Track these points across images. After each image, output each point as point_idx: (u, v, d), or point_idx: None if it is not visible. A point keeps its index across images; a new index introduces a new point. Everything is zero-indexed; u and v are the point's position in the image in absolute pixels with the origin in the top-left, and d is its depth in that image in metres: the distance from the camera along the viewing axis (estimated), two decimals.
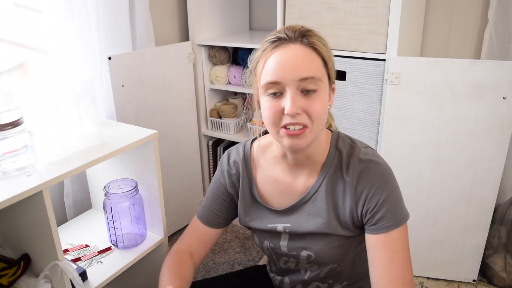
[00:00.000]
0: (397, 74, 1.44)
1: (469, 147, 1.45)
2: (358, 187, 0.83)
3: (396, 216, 0.81)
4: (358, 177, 0.83)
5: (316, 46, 0.77)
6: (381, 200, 0.81)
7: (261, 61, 0.79)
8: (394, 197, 0.82)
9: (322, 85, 0.78)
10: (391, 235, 0.81)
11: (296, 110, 0.75)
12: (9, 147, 0.92)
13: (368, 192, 0.82)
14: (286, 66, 0.75)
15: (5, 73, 1.29)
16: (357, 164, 0.84)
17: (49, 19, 1.33)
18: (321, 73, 0.78)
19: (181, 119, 1.90)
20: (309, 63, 0.76)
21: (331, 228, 0.87)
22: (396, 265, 0.80)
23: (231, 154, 0.99)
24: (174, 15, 1.95)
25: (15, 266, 1.00)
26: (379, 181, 0.82)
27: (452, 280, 1.67)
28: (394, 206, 0.82)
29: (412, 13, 1.57)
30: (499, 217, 1.65)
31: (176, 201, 1.97)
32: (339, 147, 0.87)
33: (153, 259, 1.33)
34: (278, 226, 0.92)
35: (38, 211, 0.92)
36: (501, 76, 1.34)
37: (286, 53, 0.76)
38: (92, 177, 1.41)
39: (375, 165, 0.83)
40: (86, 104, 1.09)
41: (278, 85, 0.76)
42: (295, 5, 1.57)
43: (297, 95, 0.76)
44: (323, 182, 0.87)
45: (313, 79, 0.76)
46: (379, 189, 0.82)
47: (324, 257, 0.90)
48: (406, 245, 0.82)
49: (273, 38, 0.79)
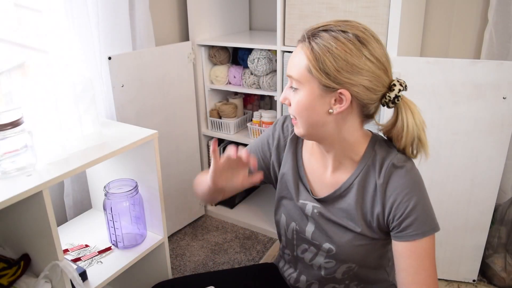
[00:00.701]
0: (397, 74, 1.43)
1: (469, 147, 1.45)
2: (387, 191, 0.85)
3: (424, 225, 0.83)
4: (389, 180, 0.85)
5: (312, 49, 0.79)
6: (410, 208, 0.83)
7: None
8: (423, 205, 0.83)
9: (302, 87, 0.82)
10: (418, 244, 0.82)
11: (282, 100, 0.87)
12: (9, 147, 0.92)
13: (396, 197, 0.84)
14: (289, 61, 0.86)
15: (5, 73, 1.29)
16: (390, 168, 0.85)
17: (49, 19, 1.33)
18: (300, 75, 0.81)
19: (181, 119, 1.90)
20: (293, 64, 0.83)
21: (356, 225, 0.89)
22: (423, 274, 0.82)
23: (287, 119, 1.03)
24: (174, 15, 1.95)
25: (15, 266, 1.00)
26: (409, 188, 0.83)
27: (452, 280, 1.67)
28: (422, 215, 0.83)
29: (412, 13, 1.57)
30: (499, 217, 1.65)
31: (176, 201, 1.97)
32: (375, 149, 0.89)
33: (153, 259, 1.33)
34: (308, 204, 0.94)
35: (38, 211, 0.92)
36: (501, 76, 1.34)
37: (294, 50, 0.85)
38: (92, 177, 1.42)
39: (407, 172, 0.85)
40: (86, 104, 1.09)
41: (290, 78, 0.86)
42: (295, 5, 1.57)
43: (289, 88, 0.86)
44: (355, 180, 0.89)
45: (291, 78, 0.84)
46: (408, 195, 0.83)
47: (345, 254, 0.91)
48: (432, 254, 0.84)
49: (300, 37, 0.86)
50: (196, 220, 2.16)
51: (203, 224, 2.13)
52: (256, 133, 1.91)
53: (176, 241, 1.99)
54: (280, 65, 1.68)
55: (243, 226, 2.09)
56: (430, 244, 0.83)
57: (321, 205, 0.93)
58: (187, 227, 2.10)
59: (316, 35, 0.79)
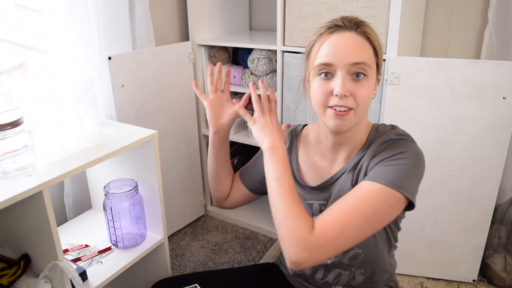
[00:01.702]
0: (397, 74, 1.44)
1: (469, 147, 1.45)
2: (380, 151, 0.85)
3: (392, 177, 0.78)
4: (383, 143, 0.85)
5: (369, 36, 0.82)
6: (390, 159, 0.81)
7: (317, 44, 0.84)
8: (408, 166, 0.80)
9: (371, 73, 0.82)
10: (370, 185, 0.79)
11: (345, 92, 0.79)
12: (9, 147, 0.92)
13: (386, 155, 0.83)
14: (340, 49, 0.80)
15: (5, 73, 1.29)
16: (388, 137, 0.86)
17: (49, 19, 1.33)
18: (371, 60, 0.82)
19: (181, 119, 1.90)
20: (361, 50, 0.81)
21: None
22: (346, 203, 0.78)
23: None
24: (174, 15, 1.95)
25: (15, 266, 1.00)
26: (402, 150, 0.82)
27: (452, 280, 1.67)
28: (399, 170, 0.79)
29: (412, 13, 1.57)
30: (499, 217, 1.65)
31: (176, 201, 1.97)
32: (379, 131, 0.91)
33: (153, 259, 1.33)
34: (315, 203, 0.95)
35: (38, 211, 0.92)
36: (501, 76, 1.34)
37: (341, 38, 0.81)
38: (92, 177, 1.42)
39: (406, 141, 0.85)
40: (86, 104, 1.09)
41: (330, 67, 0.81)
42: (295, 5, 1.57)
43: (347, 78, 0.81)
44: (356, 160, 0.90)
45: (363, 65, 0.80)
46: (398, 154, 0.81)
47: None
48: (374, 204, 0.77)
49: (330, 25, 0.84)
50: (196, 220, 2.16)
51: (203, 224, 2.13)
52: None
53: (176, 241, 1.99)
54: (280, 65, 1.67)
55: (243, 226, 2.09)
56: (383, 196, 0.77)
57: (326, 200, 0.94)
58: (187, 227, 2.10)
59: (361, 24, 0.83)
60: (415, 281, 1.68)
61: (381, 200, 0.77)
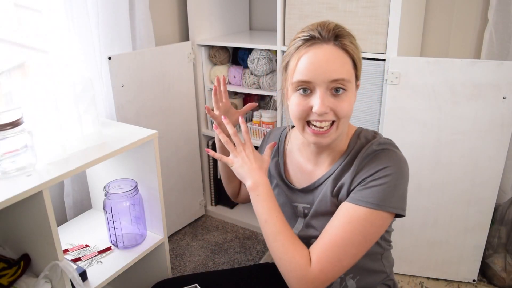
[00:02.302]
0: (397, 74, 1.44)
1: (469, 147, 1.45)
2: (363, 167, 0.84)
3: (374, 198, 0.79)
4: (367, 158, 0.85)
5: (347, 48, 0.80)
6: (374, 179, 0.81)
7: (294, 58, 0.82)
8: (389, 184, 0.80)
9: (350, 86, 0.81)
10: (358, 209, 0.79)
11: (325, 110, 0.79)
12: (9, 147, 0.92)
13: (369, 172, 0.82)
14: (318, 66, 0.79)
15: (5, 73, 1.29)
16: (370, 149, 0.85)
17: (49, 19, 1.33)
18: (350, 74, 0.81)
19: (181, 119, 1.90)
20: (340, 65, 0.79)
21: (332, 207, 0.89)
22: (337, 235, 0.79)
23: (271, 134, 1.09)
24: (174, 15, 1.95)
25: (15, 266, 1.00)
26: (385, 165, 0.81)
27: (452, 280, 1.67)
28: (381, 191, 0.79)
29: (412, 13, 1.56)
30: (499, 217, 1.64)
31: (176, 201, 1.97)
32: (360, 138, 0.90)
33: (153, 259, 1.33)
34: (299, 206, 0.96)
35: (38, 211, 0.92)
36: (501, 76, 1.34)
37: (318, 54, 0.79)
38: (92, 177, 1.41)
39: (388, 153, 0.84)
40: (86, 104, 1.09)
41: (309, 84, 0.80)
42: (295, 5, 1.57)
43: (326, 95, 0.80)
44: (338, 167, 0.90)
45: (342, 81, 0.79)
46: (381, 171, 0.81)
47: None
48: (366, 230, 0.79)
49: (307, 36, 0.81)
50: (196, 220, 2.16)
51: (203, 224, 2.13)
52: (256, 133, 1.91)
53: (176, 241, 1.99)
54: (280, 65, 1.67)
55: (243, 226, 2.09)
56: (371, 219, 0.79)
57: (309, 204, 0.95)
58: (187, 227, 2.10)
59: (339, 35, 0.80)
60: (415, 281, 1.68)
61: (369, 224, 0.79)
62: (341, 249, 0.79)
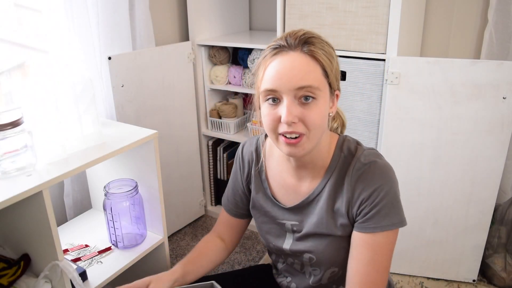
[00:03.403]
0: (397, 74, 1.44)
1: (469, 147, 1.45)
2: (356, 188, 0.83)
3: (385, 219, 0.81)
4: (358, 178, 0.83)
5: (316, 55, 0.77)
6: (375, 202, 0.81)
7: (261, 67, 0.80)
8: (389, 201, 0.82)
9: (321, 94, 0.78)
10: (376, 237, 0.82)
11: (292, 119, 0.76)
12: (9, 147, 0.92)
13: (365, 194, 0.82)
14: (283, 74, 0.76)
15: (5, 73, 1.29)
16: (358, 165, 0.84)
17: (49, 19, 1.33)
18: (319, 81, 0.77)
19: (181, 119, 1.90)
20: (306, 73, 0.76)
21: (329, 229, 0.88)
22: (373, 266, 0.81)
23: (244, 147, 1.03)
24: (174, 15, 1.95)
25: (15, 266, 1.00)
26: (378, 183, 0.82)
27: (452, 280, 1.67)
28: (387, 210, 0.81)
29: (412, 13, 1.56)
30: (499, 217, 1.65)
31: (176, 201, 1.97)
32: (343, 150, 0.88)
33: (153, 259, 1.33)
34: (287, 223, 0.94)
35: (38, 211, 0.92)
36: (501, 76, 1.34)
37: (284, 62, 0.77)
38: (92, 177, 1.42)
39: (375, 167, 0.83)
40: (86, 104, 1.09)
41: (276, 93, 0.77)
42: (295, 5, 1.57)
43: (294, 103, 0.76)
44: (327, 184, 0.87)
45: (310, 88, 0.76)
46: (377, 191, 0.81)
47: (325, 259, 0.91)
48: (389, 250, 0.83)
49: (274, 45, 0.79)
50: (196, 220, 2.16)
51: (203, 224, 2.13)
52: (256, 133, 1.91)
53: (176, 241, 1.99)
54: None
55: None
56: (389, 239, 0.82)
57: (297, 219, 0.93)
58: (187, 227, 2.10)
59: (308, 42, 0.78)
60: (415, 281, 1.68)
61: (391, 244, 0.84)
62: (379, 280, 0.83)
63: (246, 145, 1.03)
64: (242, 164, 1.02)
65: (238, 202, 1.06)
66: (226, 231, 1.10)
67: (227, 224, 1.10)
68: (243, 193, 1.04)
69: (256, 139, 1.02)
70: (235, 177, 1.05)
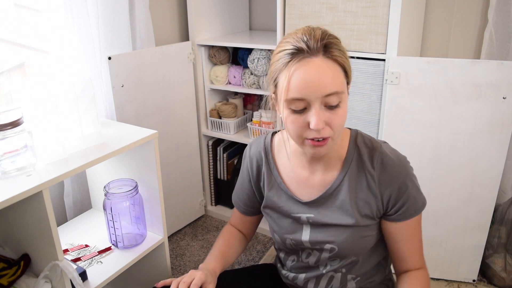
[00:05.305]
0: (397, 74, 1.44)
1: (469, 147, 1.45)
2: (383, 182, 0.88)
3: (416, 204, 0.91)
4: (383, 171, 0.88)
5: (338, 59, 0.78)
6: (407, 194, 0.88)
7: (284, 74, 0.79)
8: (415, 189, 0.90)
9: (344, 96, 0.81)
10: (413, 220, 0.92)
11: (322, 126, 0.78)
12: (9, 147, 0.92)
13: (393, 187, 0.88)
14: (310, 83, 0.76)
15: (5, 73, 1.29)
16: (381, 159, 0.88)
17: (49, 19, 1.33)
18: (343, 85, 0.80)
19: (181, 119, 1.90)
20: (333, 78, 0.77)
21: (352, 220, 0.90)
22: (416, 238, 0.95)
23: (251, 148, 1.04)
24: (174, 15, 1.95)
25: (15, 266, 1.01)
26: (402, 176, 0.88)
27: (452, 280, 1.67)
28: (415, 198, 0.90)
29: (412, 13, 1.56)
30: (499, 217, 1.64)
31: (176, 201, 1.97)
32: (358, 143, 0.91)
33: (153, 259, 1.33)
34: (302, 216, 0.95)
35: (38, 211, 0.92)
36: (501, 76, 1.34)
37: (309, 70, 0.77)
38: (92, 177, 1.42)
39: (397, 160, 0.89)
40: (86, 104, 1.09)
41: (303, 101, 0.78)
42: (295, 5, 1.57)
43: (322, 110, 0.78)
44: (345, 177, 0.90)
45: (336, 94, 0.78)
46: (403, 184, 0.88)
47: (347, 250, 0.92)
48: (420, 221, 0.95)
49: (293, 49, 0.78)
50: (196, 220, 2.16)
51: (203, 224, 2.13)
52: (256, 133, 1.91)
53: (176, 241, 1.99)
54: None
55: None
56: (420, 216, 0.94)
57: (313, 212, 0.94)
58: (187, 227, 2.10)
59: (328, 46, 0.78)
60: None
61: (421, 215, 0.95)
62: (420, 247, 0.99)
63: (253, 146, 1.04)
64: (250, 165, 1.03)
65: (246, 200, 1.08)
66: (241, 226, 1.15)
67: (241, 221, 1.14)
68: (252, 192, 1.06)
69: (262, 139, 1.03)
70: (242, 178, 1.07)
